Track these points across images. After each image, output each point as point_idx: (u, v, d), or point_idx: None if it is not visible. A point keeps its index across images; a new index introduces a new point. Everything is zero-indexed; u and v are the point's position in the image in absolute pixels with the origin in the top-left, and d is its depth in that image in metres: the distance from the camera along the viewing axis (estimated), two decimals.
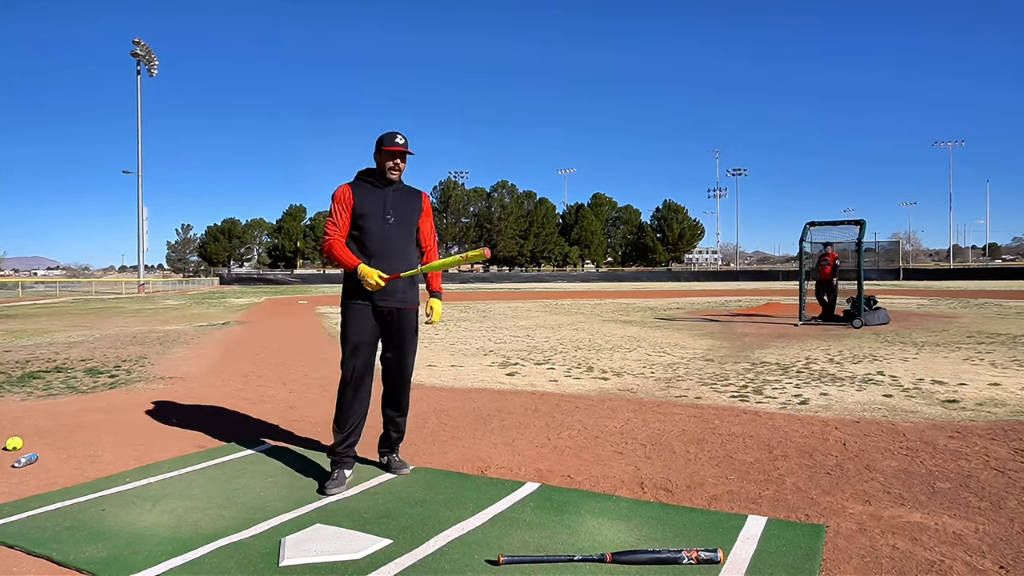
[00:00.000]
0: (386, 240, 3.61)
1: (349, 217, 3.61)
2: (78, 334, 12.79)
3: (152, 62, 51.57)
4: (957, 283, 47.27)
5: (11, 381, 7.17)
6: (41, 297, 35.46)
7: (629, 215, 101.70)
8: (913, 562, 2.57)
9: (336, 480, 3.54)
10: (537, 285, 63.08)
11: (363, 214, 3.60)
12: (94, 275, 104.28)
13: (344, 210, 3.61)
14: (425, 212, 3.82)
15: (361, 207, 3.60)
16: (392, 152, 3.61)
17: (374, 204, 3.61)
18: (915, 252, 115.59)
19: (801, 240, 14.02)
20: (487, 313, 18.82)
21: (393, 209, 3.64)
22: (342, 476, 3.60)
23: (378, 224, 3.60)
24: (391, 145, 3.59)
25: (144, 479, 3.68)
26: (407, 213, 3.71)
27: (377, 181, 3.66)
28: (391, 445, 3.92)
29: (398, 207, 3.67)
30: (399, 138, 3.63)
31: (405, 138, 3.66)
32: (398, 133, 3.65)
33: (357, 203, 3.60)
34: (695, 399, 5.82)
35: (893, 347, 9.41)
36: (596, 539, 2.80)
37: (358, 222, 3.61)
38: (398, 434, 3.92)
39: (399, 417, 3.88)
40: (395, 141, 3.61)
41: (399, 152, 3.61)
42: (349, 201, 3.61)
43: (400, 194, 3.70)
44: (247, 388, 6.67)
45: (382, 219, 3.61)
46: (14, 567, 2.63)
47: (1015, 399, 5.64)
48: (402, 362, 3.78)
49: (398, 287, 3.65)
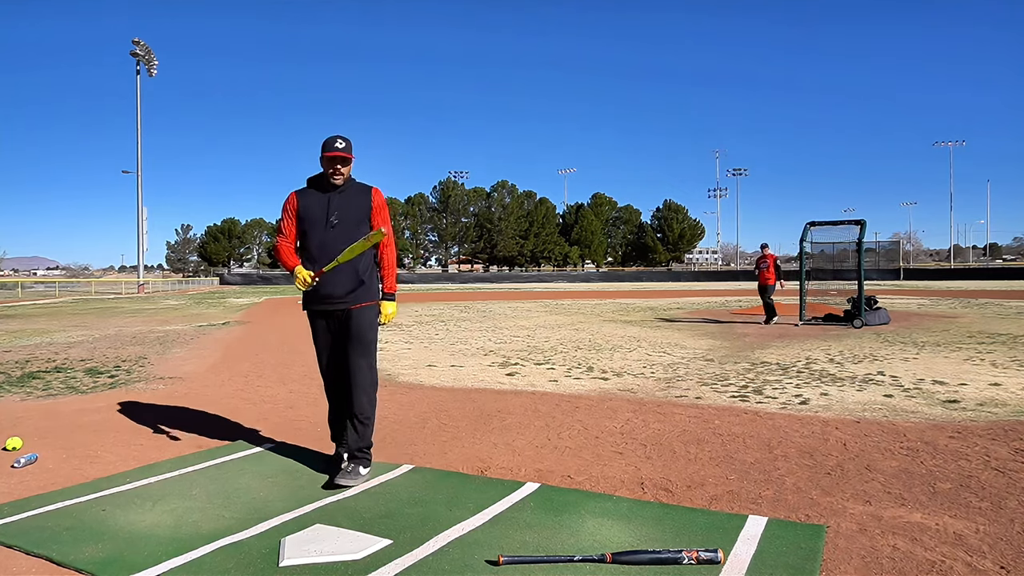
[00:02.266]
0: (327, 244, 3.59)
1: (294, 223, 3.68)
2: (78, 334, 12.80)
3: (152, 62, 51.56)
4: (958, 283, 47.28)
5: (11, 381, 7.17)
6: (41, 297, 35.47)
7: (629, 215, 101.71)
8: (913, 562, 2.56)
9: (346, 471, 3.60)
10: (537, 285, 63.08)
11: (306, 219, 3.64)
12: (94, 275, 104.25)
13: (289, 217, 3.69)
14: (376, 208, 3.71)
15: (304, 212, 3.65)
16: (331, 159, 3.59)
17: (317, 209, 3.63)
18: (915, 252, 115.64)
19: (801, 240, 14.02)
20: (487, 313, 18.82)
21: (337, 212, 3.62)
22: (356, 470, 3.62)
23: (320, 229, 3.61)
24: (329, 151, 3.58)
25: (144, 479, 3.68)
26: (353, 214, 3.64)
27: (322, 186, 3.68)
28: (348, 449, 3.75)
29: (343, 209, 3.63)
30: (339, 142, 3.59)
31: (347, 141, 3.62)
32: (339, 137, 3.61)
33: (301, 209, 3.66)
34: (695, 399, 5.82)
35: (894, 347, 9.40)
36: (596, 539, 2.80)
37: (303, 227, 3.66)
38: (356, 439, 3.69)
39: (356, 423, 3.68)
40: (334, 146, 3.58)
41: (337, 158, 3.58)
42: (293, 208, 3.68)
43: (346, 195, 3.66)
44: (247, 388, 6.67)
45: (324, 224, 3.61)
46: (14, 567, 2.62)
47: (1016, 399, 5.63)
48: (351, 363, 3.67)
49: (340, 288, 3.61)
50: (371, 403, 3.73)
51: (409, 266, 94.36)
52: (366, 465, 3.68)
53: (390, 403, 5.80)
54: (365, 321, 3.70)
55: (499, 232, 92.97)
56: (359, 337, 3.67)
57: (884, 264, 48.52)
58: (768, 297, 13.76)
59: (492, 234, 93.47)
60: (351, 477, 3.57)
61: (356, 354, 3.68)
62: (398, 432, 4.76)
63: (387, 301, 3.73)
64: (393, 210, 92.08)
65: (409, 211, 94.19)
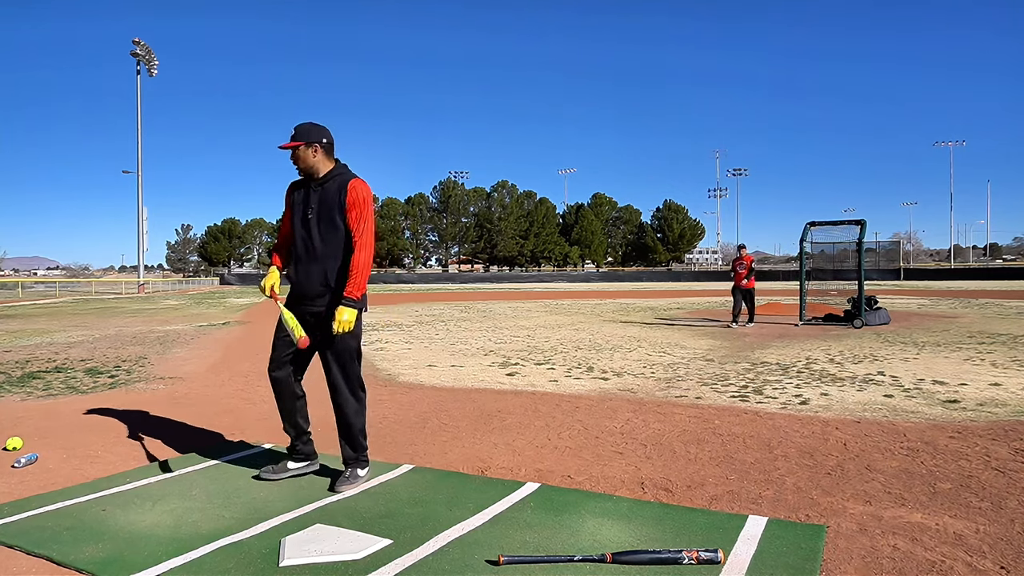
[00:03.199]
0: (303, 239, 3.47)
1: (287, 215, 3.61)
2: (78, 334, 12.79)
3: (152, 62, 51.55)
4: (958, 283, 47.25)
5: (11, 381, 7.16)
6: (41, 297, 35.46)
7: (629, 215, 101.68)
8: (914, 562, 2.56)
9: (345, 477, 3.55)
10: (537, 285, 63.06)
11: (291, 213, 3.56)
12: (94, 275, 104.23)
13: (286, 209, 3.63)
14: (351, 203, 3.39)
15: (291, 206, 3.58)
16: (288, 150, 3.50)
17: (300, 202, 3.52)
18: (916, 252, 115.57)
19: (801, 240, 14.02)
20: (487, 313, 18.81)
21: (314, 207, 3.44)
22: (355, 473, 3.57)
23: (299, 223, 3.50)
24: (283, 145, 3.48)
25: (144, 479, 3.68)
26: (326, 209, 3.42)
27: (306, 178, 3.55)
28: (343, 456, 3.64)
29: (321, 203, 3.44)
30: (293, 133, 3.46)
31: (296, 129, 3.45)
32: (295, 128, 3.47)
33: (289, 203, 3.60)
34: (695, 399, 5.82)
35: (894, 347, 9.40)
36: (596, 539, 2.80)
37: (291, 221, 3.56)
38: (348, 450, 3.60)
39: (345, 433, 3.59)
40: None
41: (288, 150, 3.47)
42: (287, 199, 3.61)
43: (326, 188, 3.44)
44: (247, 388, 6.67)
45: (304, 218, 3.48)
46: (14, 567, 2.62)
47: (1016, 399, 5.63)
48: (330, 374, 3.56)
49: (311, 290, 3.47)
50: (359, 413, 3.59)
51: (409, 266, 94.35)
52: (363, 467, 3.62)
53: (390, 403, 5.80)
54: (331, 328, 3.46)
55: (499, 232, 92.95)
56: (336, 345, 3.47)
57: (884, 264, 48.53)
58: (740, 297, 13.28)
59: (492, 234, 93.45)
60: (350, 482, 3.52)
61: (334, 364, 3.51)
62: (398, 432, 4.76)
63: (344, 306, 3.32)
64: (393, 210, 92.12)
65: (409, 211, 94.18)
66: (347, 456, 3.61)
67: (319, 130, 3.49)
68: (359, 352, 3.59)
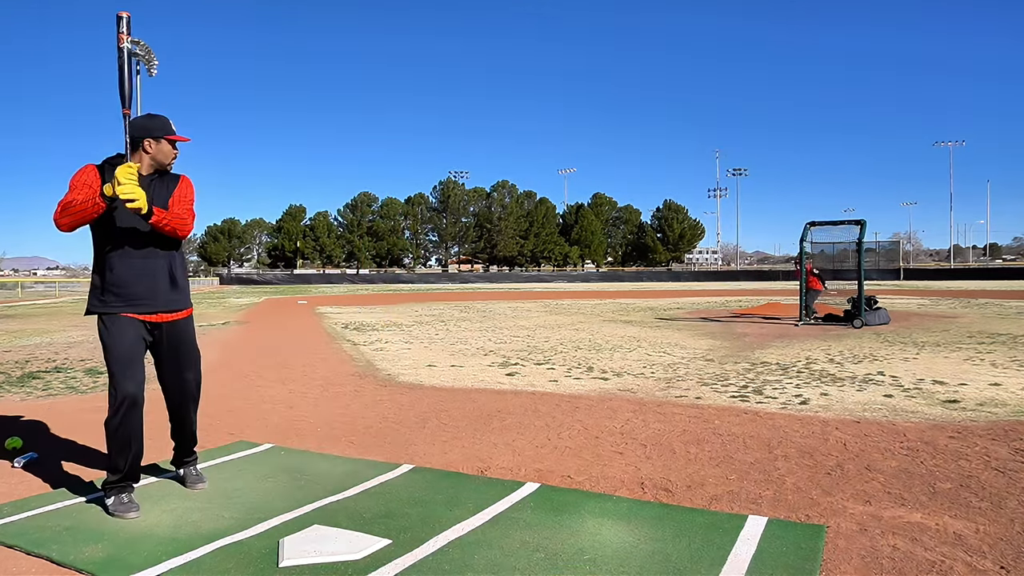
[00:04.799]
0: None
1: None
2: (78, 334, 12.79)
3: (152, 62, 51.28)
4: (958, 283, 47.27)
5: (11, 381, 7.16)
6: (41, 297, 35.46)
7: (629, 215, 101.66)
8: (913, 562, 2.56)
9: (127, 504, 3.16)
10: (537, 285, 63.06)
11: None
12: None
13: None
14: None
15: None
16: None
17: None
18: (915, 252, 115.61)
19: (801, 240, 14.02)
20: (487, 313, 18.81)
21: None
22: (199, 471, 3.61)
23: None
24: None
25: (144, 479, 3.67)
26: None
27: None
28: (183, 460, 3.66)
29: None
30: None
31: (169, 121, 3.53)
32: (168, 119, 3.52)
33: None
34: (695, 399, 5.82)
35: (894, 347, 9.40)
36: (596, 539, 2.80)
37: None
38: (190, 449, 3.66)
39: (189, 435, 3.63)
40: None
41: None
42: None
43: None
44: (247, 388, 6.67)
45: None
46: (14, 567, 2.62)
47: (1016, 399, 5.63)
48: (181, 379, 3.49)
49: (149, 290, 3.27)
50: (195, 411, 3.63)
51: (409, 266, 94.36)
52: (195, 460, 3.70)
53: (390, 403, 5.81)
54: (189, 333, 3.44)
55: (499, 232, 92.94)
56: (186, 350, 3.42)
57: (884, 264, 48.48)
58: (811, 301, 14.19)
59: (492, 234, 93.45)
60: (202, 478, 3.59)
61: (184, 369, 3.45)
62: (398, 432, 4.76)
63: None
64: (393, 210, 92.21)
65: (409, 211, 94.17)
66: (188, 458, 3.67)
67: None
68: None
